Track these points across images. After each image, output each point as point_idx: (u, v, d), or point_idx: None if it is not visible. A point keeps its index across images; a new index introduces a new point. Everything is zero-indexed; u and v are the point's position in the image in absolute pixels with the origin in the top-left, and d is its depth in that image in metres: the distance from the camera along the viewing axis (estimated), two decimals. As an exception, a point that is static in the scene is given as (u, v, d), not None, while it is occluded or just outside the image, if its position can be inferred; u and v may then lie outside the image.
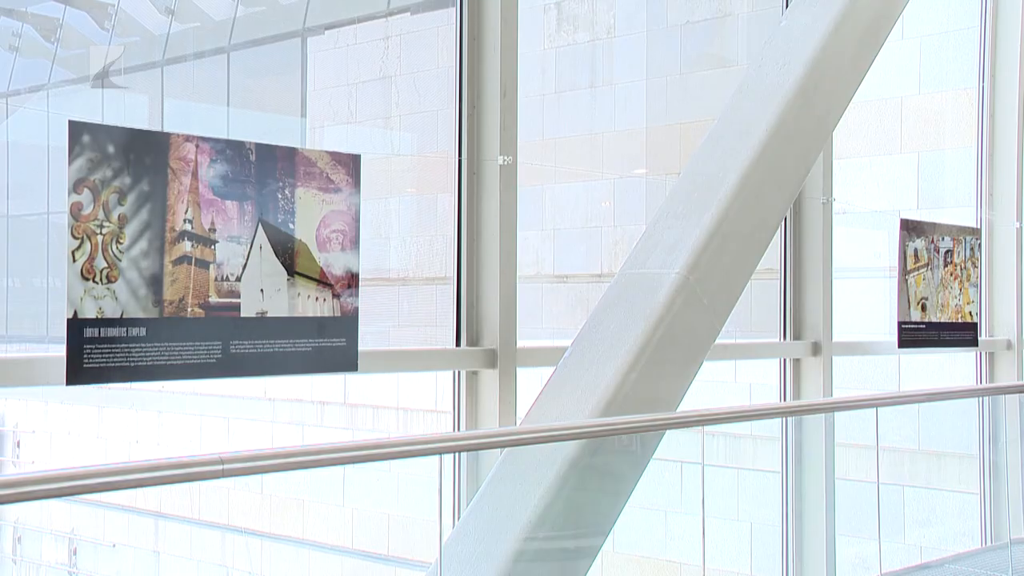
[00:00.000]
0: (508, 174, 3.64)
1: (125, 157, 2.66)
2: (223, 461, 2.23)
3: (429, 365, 3.77)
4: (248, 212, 2.89)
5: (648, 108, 6.84)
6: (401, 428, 7.46)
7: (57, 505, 8.41)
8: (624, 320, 3.53)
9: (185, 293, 2.77)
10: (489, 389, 3.60)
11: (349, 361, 3.12)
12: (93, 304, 2.61)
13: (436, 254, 7.33)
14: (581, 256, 7.21)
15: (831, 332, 4.95)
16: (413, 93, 7.41)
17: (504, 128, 3.61)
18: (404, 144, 7.74)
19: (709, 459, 3.70)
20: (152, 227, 2.71)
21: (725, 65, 6.20)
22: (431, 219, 7.42)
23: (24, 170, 8.08)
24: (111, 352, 2.64)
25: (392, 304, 7.40)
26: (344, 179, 3.10)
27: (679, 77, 6.74)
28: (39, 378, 2.78)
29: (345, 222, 3.10)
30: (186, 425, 8.22)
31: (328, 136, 7.92)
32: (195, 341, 2.79)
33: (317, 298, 3.04)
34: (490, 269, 3.67)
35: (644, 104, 6.87)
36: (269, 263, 2.94)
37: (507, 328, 3.64)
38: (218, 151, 2.83)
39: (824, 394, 4.86)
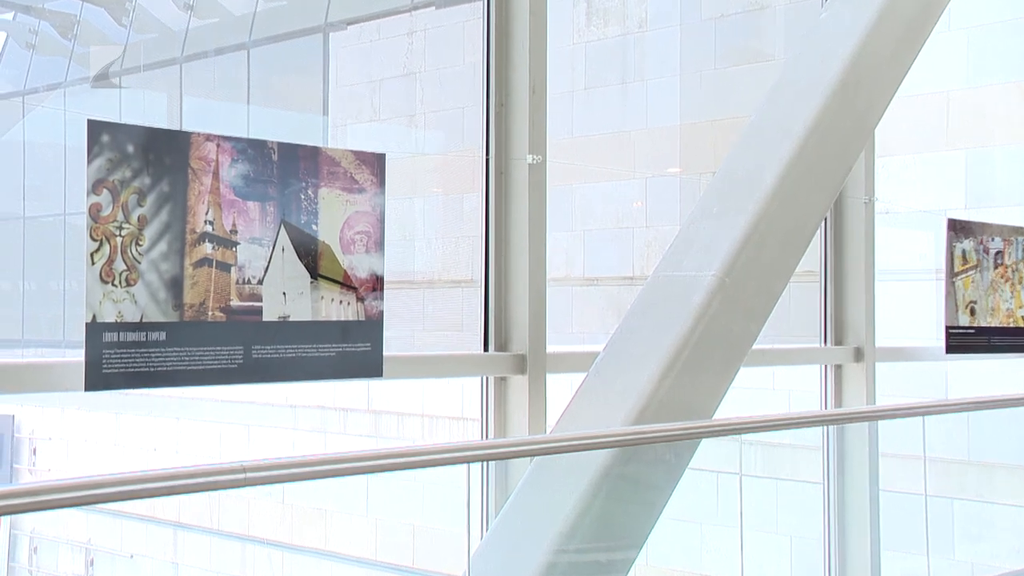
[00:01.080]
0: (537, 173, 3.64)
1: (145, 157, 2.68)
2: (245, 469, 2.24)
3: (456, 371, 3.77)
4: (270, 213, 2.91)
5: (682, 105, 6.82)
6: (426, 436, 7.47)
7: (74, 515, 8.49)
8: (658, 324, 3.52)
9: (206, 296, 2.79)
10: (518, 396, 3.60)
11: (374, 367, 3.13)
12: (112, 308, 2.63)
13: (462, 256, 7.35)
14: (612, 258, 7.20)
15: (874, 337, 4.91)
16: (438, 90, 7.44)
17: (533, 126, 3.61)
18: (429, 143, 7.77)
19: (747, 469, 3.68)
20: (172, 229, 2.73)
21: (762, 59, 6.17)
22: (457, 220, 7.44)
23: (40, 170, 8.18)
24: (130, 357, 2.66)
25: (417, 308, 7.43)
26: (368, 179, 3.11)
27: (714, 72, 6.72)
28: (57, 384, 2.80)
29: (370, 223, 3.11)
30: (205, 432, 8.28)
31: (351, 134, 7.96)
32: (216, 346, 2.81)
33: (341, 301, 3.05)
34: (519, 271, 3.67)
35: (677, 100, 6.85)
36: (292, 265, 2.95)
37: (537, 333, 3.64)
38: (239, 151, 2.85)
39: (867, 402, 4.82)
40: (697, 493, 4.84)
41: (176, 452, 8.45)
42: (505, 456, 3.30)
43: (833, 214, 4.95)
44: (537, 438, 3.39)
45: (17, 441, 9.13)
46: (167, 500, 7.79)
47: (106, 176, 2.63)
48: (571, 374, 3.75)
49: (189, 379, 2.80)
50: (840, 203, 4.94)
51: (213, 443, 8.34)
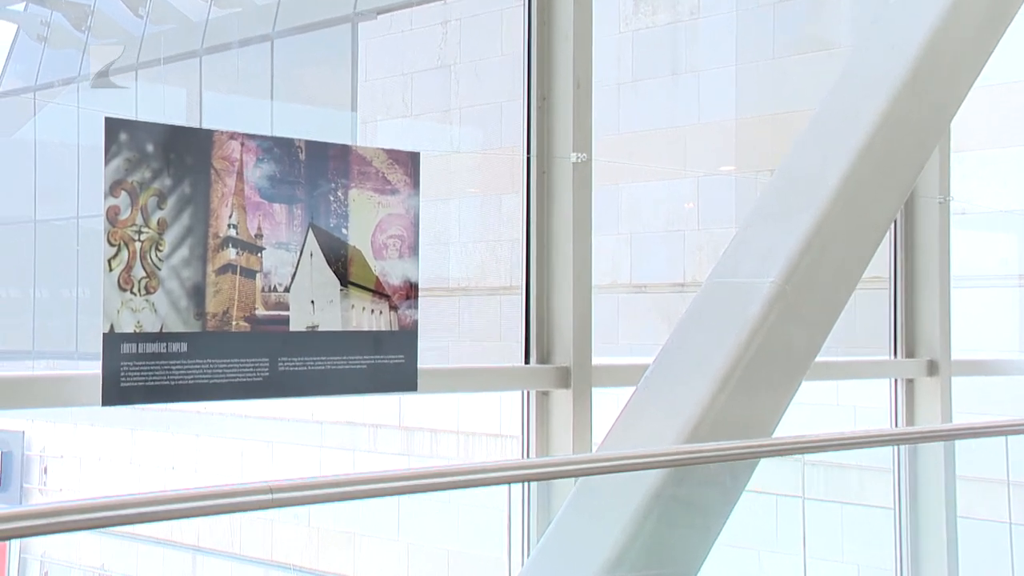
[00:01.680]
0: (582, 173, 3.65)
1: (165, 157, 2.72)
2: (272, 490, 2.27)
3: (495, 385, 3.78)
4: (297, 216, 2.94)
5: (738, 98, 6.80)
6: (462, 454, 7.49)
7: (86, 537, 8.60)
8: (712, 335, 3.51)
9: (229, 305, 2.83)
10: (562, 411, 3.60)
11: (408, 380, 3.15)
12: (131, 317, 2.67)
13: (501, 261, 7.37)
14: (662, 263, 7.19)
15: (949, 349, 4.86)
16: (475, 84, 7.47)
17: (577, 122, 3.62)
18: (465, 140, 7.80)
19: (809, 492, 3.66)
20: (194, 233, 2.77)
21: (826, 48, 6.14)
22: (495, 222, 7.46)
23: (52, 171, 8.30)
24: (150, 370, 2.70)
25: (452, 317, 7.45)
26: (402, 179, 3.14)
27: (772, 62, 6.69)
28: (71, 399, 2.84)
29: (403, 226, 3.14)
30: (226, 450, 8.36)
31: (381, 131, 8.01)
32: (240, 358, 2.84)
33: (372, 310, 3.08)
34: (562, 278, 3.67)
35: (733, 93, 6.83)
36: (320, 272, 2.98)
37: (582, 344, 3.64)
38: (265, 150, 2.89)
39: (942, 419, 4.77)
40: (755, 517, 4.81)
41: (195, 471, 8.54)
42: (547, 476, 3.30)
43: (904, 215, 4.91)
44: (582, 457, 3.39)
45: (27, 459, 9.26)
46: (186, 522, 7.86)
47: (124, 177, 2.67)
48: (618, 388, 3.75)
49: (211, 393, 2.83)
50: (912, 203, 4.90)
51: (235, 461, 8.41)
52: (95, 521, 2.16)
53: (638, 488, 3.23)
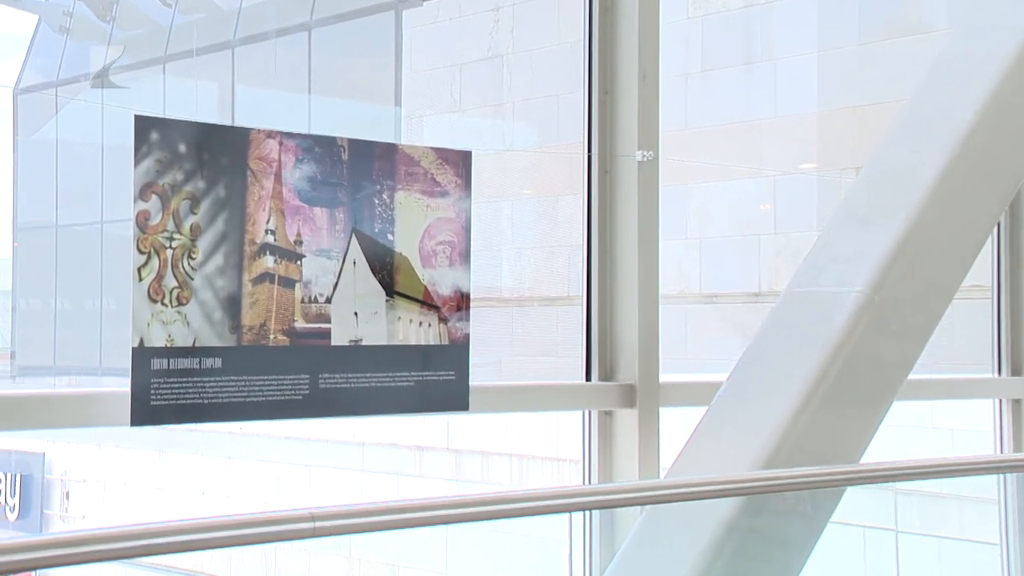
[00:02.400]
0: (648, 172, 3.64)
1: (198, 157, 2.76)
2: (315, 517, 2.29)
3: (553, 404, 3.79)
4: (340, 221, 2.97)
5: (820, 88, 6.75)
6: (516, 479, 7.50)
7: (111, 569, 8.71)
8: (792, 350, 3.49)
9: (267, 317, 2.86)
10: (627, 433, 3.60)
11: (458, 398, 3.16)
12: (161, 330, 2.71)
13: (558, 269, 7.37)
14: (735, 271, 7.15)
15: (1060, 365, 4.79)
16: (530, 75, 7.49)
17: (643, 117, 3.62)
18: (519, 137, 7.82)
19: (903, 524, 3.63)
20: (229, 239, 2.81)
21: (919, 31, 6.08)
22: (552, 227, 7.47)
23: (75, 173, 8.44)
24: (182, 387, 2.74)
25: (505, 330, 7.46)
26: (452, 180, 3.16)
27: (858, 48, 6.64)
28: (96, 418, 2.89)
29: (454, 232, 3.16)
30: (260, 474, 8.43)
31: (428, 128, 8.05)
32: (278, 374, 2.87)
33: (421, 323, 3.09)
34: (626, 287, 3.67)
35: (814, 83, 6.79)
36: (364, 281, 3.01)
37: (648, 359, 3.64)
38: (305, 149, 2.92)
39: (1051, 443, 4.70)
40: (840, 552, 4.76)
41: (227, 497, 8.62)
42: (611, 504, 3.30)
43: (1008, 216, 4.85)
44: (649, 483, 3.38)
45: (48, 483, 9.40)
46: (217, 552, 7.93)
47: (155, 179, 2.71)
48: (688, 408, 3.73)
49: (247, 413, 2.86)
50: (1017, 204, 4.84)
51: (270, 486, 8.48)
52: (121, 551, 2.19)
53: (711, 518, 3.22)
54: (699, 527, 3.23)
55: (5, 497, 9.15)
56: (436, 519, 2.52)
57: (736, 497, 3.19)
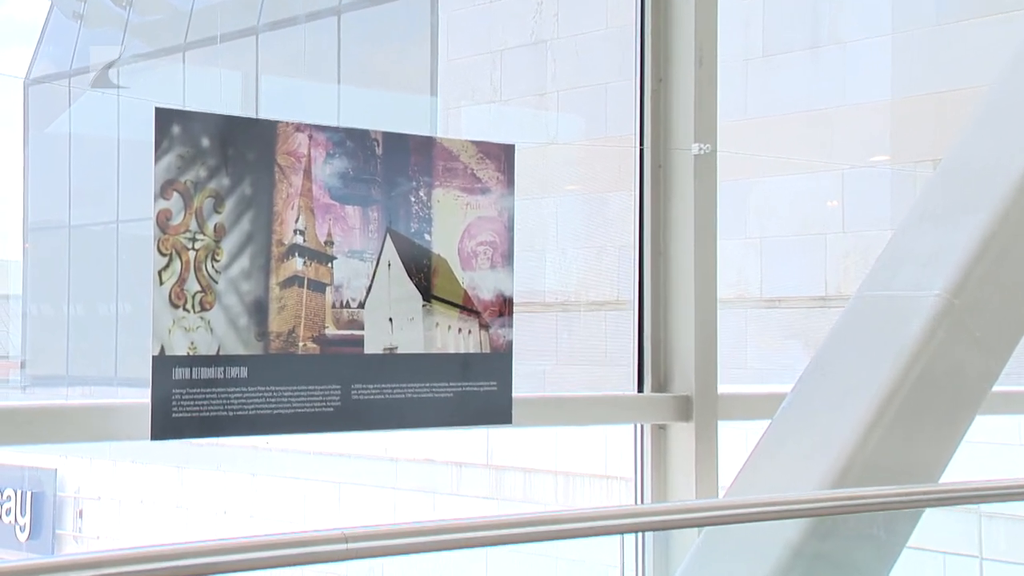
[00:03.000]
0: (705, 166, 3.64)
1: (222, 152, 2.79)
2: (348, 538, 2.30)
3: (602, 417, 3.79)
4: (374, 220, 2.98)
5: (893, 74, 6.70)
6: (561, 498, 7.50)
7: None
8: (863, 359, 3.47)
9: (295, 323, 2.88)
10: (682, 448, 3.60)
11: (501, 411, 3.17)
12: (183, 338, 2.74)
13: (606, 271, 7.35)
14: (799, 273, 7.11)
15: None
16: (576, 62, 7.48)
17: (700, 107, 3.61)
18: (564, 129, 7.81)
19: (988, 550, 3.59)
20: (255, 240, 2.83)
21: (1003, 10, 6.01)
22: (600, 225, 7.45)
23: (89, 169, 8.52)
24: (205, 398, 2.77)
25: (549, 336, 7.45)
26: (493, 176, 3.16)
27: (936, 30, 6.58)
28: (113, 432, 2.92)
29: (495, 231, 3.16)
30: (286, 491, 8.48)
31: (466, 119, 8.06)
32: (308, 384, 2.89)
33: (460, 329, 3.10)
34: (681, 290, 3.67)
35: (887, 68, 6.74)
36: (400, 285, 3.02)
37: (705, 368, 3.63)
38: (336, 143, 2.94)
39: None
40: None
41: (250, 516, 8.67)
42: (666, 526, 3.29)
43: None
44: (706, 503, 3.38)
45: (60, 501, 9.48)
46: (240, 575, 7.98)
47: (177, 176, 2.74)
48: (749, 422, 3.72)
49: (274, 426, 2.89)
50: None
51: (296, 505, 8.53)
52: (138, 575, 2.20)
53: (774, 542, 3.20)
54: (761, 552, 3.21)
55: (15, 516, 9.25)
56: (476, 541, 2.52)
57: (802, 519, 3.18)
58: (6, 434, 2.83)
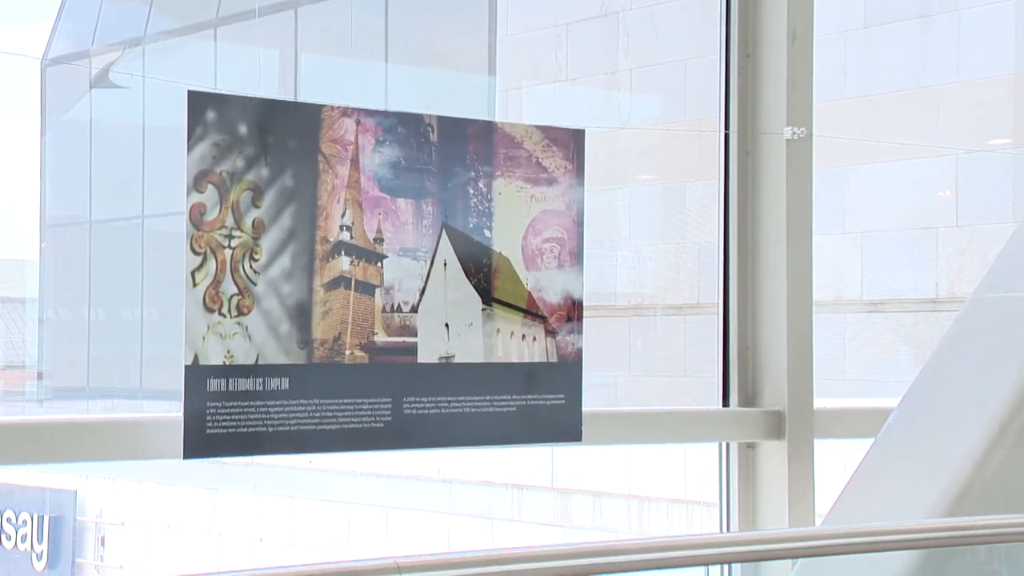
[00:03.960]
0: (799, 153, 3.63)
1: (262, 141, 2.82)
2: (400, 568, 2.31)
3: (683, 434, 3.79)
4: (428, 214, 3.00)
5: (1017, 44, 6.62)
6: (635, 525, 7.49)
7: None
8: (981, 369, 3.44)
9: (342, 329, 2.90)
10: (773, 470, 3.59)
11: (569, 427, 3.18)
12: (219, 345, 2.77)
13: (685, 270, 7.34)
14: (906, 272, 7.06)
15: None
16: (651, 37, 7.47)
17: (793, 86, 3.60)
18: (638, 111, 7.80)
19: None
20: (297, 237, 2.86)
21: None
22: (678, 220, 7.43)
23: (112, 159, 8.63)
24: (243, 413, 2.80)
25: (622, 344, 7.45)
26: (561, 165, 3.17)
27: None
28: (140, 450, 2.95)
29: (563, 227, 3.17)
30: (328, 516, 8.53)
31: (528, 102, 8.07)
32: (355, 397, 2.91)
33: (524, 336, 3.11)
34: (772, 292, 3.66)
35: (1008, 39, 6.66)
36: (457, 287, 3.03)
37: (800, 380, 3.62)
38: (387, 129, 2.96)
39: None
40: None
41: (289, 543, 8.73)
42: (754, 557, 3.28)
43: None
44: (801, 531, 3.36)
45: (80, 526, 9.59)
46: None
47: (212, 167, 2.77)
48: (849, 440, 3.70)
49: (318, 443, 2.91)
50: None
51: (339, 531, 8.58)
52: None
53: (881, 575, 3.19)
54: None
55: (31, 543, 9.37)
56: (539, 573, 2.53)
57: (911, 551, 3.16)
58: (22, 452, 2.87)
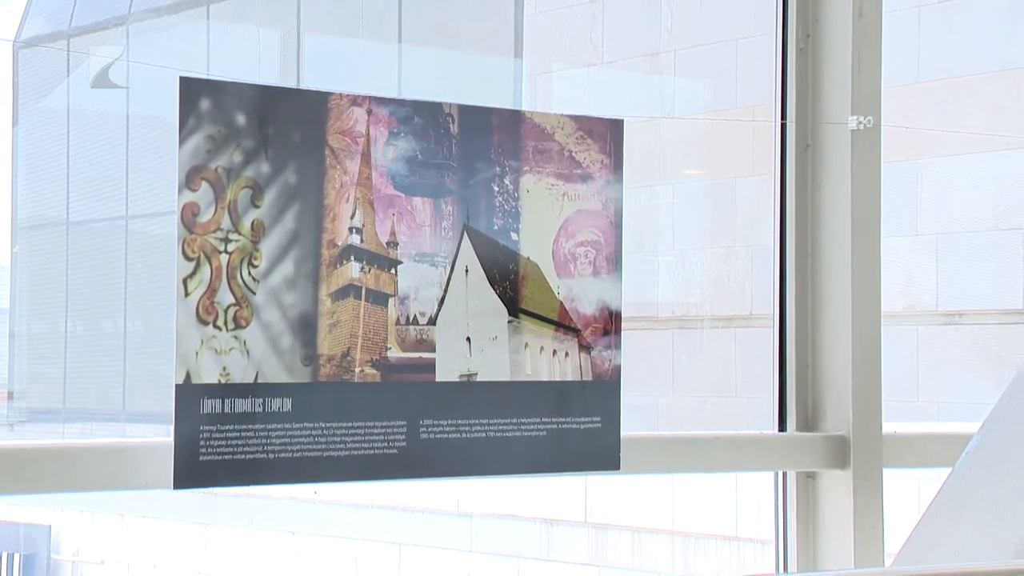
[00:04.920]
0: (865, 145, 3.62)
1: (261, 133, 2.83)
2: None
3: (733, 463, 3.77)
4: (448, 215, 3.01)
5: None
6: (679, 565, 7.48)
7: None
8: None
9: (351, 344, 2.91)
10: (837, 503, 3.57)
11: (606, 454, 3.17)
12: (214, 362, 2.78)
13: (734, 277, 7.33)
14: (987, 280, 7.03)
15: None
16: (696, 14, 7.47)
17: (859, 71, 3.59)
18: (683, 99, 7.78)
19: None
20: (302, 241, 2.86)
21: None
22: (727, 220, 7.42)
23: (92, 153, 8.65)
24: (240, 437, 2.80)
25: (664, 360, 7.43)
26: (597, 160, 3.17)
27: None
28: (123, 479, 2.95)
29: (600, 229, 3.17)
30: (334, 553, 8.54)
31: (558, 88, 8.07)
32: (366, 420, 2.92)
33: (555, 351, 3.11)
34: (835, 302, 3.65)
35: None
36: (480, 296, 3.04)
37: (866, 401, 3.61)
38: (402, 119, 2.96)
39: None
40: None
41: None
42: (817, 602, 3.28)
43: None
44: (869, 573, 3.35)
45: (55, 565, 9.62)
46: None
47: (206, 162, 2.78)
48: (923, 470, 3.68)
49: (325, 472, 2.91)
50: None
51: (347, 570, 8.59)
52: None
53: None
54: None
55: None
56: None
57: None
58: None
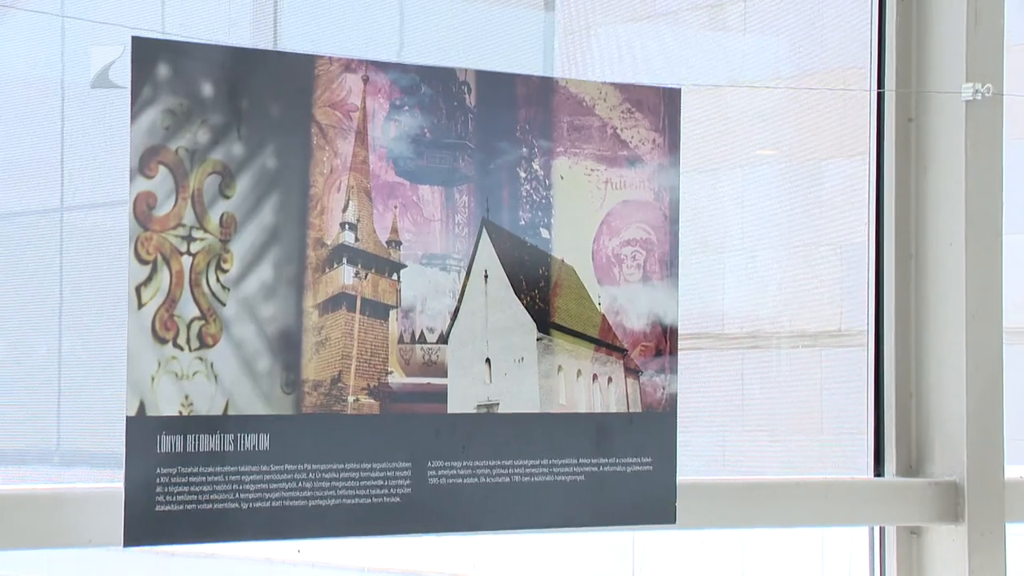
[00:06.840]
0: (983, 119, 3.63)
1: (233, 106, 2.84)
2: None
3: (818, 515, 3.78)
4: (463, 207, 3.02)
5: None
6: (749, 642, 7.47)
7: None
8: None
9: (343, 367, 2.92)
10: (948, 563, 3.59)
11: (659, 504, 3.18)
12: (174, 389, 2.79)
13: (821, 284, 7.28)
14: None
15: None
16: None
17: (975, 29, 3.60)
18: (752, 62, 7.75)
19: None
20: (282, 239, 2.87)
21: None
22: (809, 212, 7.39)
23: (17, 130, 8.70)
24: (206, 483, 2.81)
25: (732, 387, 7.39)
26: (648, 138, 3.18)
27: None
28: (64, 535, 2.95)
29: (651, 224, 3.18)
30: (321, 627, 8.56)
31: (598, 48, 8.06)
32: (362, 462, 2.92)
33: (596, 376, 3.12)
34: (944, 316, 3.67)
35: None
36: (502, 307, 3.05)
37: (984, 440, 3.62)
38: (405, 89, 2.98)
39: None
40: None
41: (265, 665, 8.78)
42: None
43: None
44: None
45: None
46: None
47: (164, 142, 2.79)
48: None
49: (310, 526, 2.92)
50: None
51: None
52: None
53: None
54: None
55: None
56: None
57: None
58: None
